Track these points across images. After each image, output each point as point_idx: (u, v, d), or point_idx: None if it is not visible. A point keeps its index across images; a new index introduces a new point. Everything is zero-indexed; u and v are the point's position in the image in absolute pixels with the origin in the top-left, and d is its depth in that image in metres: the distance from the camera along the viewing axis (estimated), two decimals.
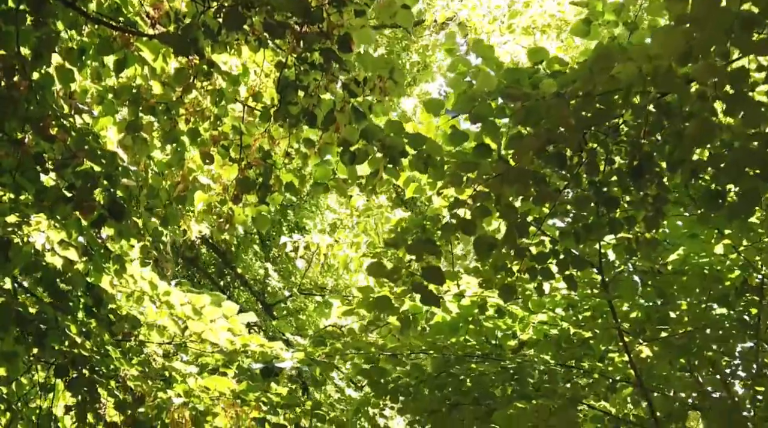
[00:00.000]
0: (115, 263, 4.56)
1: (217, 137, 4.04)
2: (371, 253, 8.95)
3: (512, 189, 4.05)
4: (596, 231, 4.33)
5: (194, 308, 4.86)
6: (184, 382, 4.79)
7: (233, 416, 4.87)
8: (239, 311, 5.13)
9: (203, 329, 4.95)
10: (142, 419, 4.65)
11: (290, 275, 19.08)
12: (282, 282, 19.00)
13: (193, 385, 4.77)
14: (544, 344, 5.45)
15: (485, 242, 3.99)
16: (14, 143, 3.60)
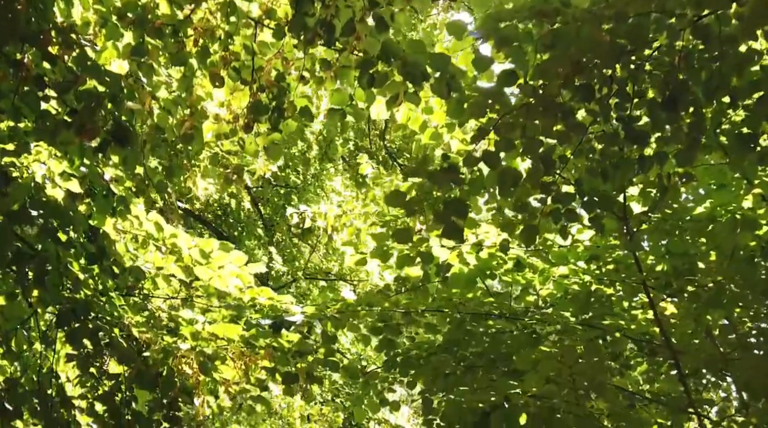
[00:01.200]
0: (119, 204, 4.39)
1: (228, 57, 3.85)
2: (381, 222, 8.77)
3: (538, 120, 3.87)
4: (624, 169, 4.15)
5: (202, 252, 4.67)
6: (192, 325, 4.61)
7: (242, 367, 4.69)
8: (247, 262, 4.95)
9: (211, 276, 4.77)
10: (144, 368, 4.48)
11: (294, 260, 18.95)
12: (286, 266, 18.87)
13: (201, 331, 4.59)
14: (564, 301, 5.27)
15: (509, 176, 3.81)
16: (13, 65, 3.43)
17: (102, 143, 3.65)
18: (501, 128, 3.81)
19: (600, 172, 4.14)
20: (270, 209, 18.47)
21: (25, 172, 4.06)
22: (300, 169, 18.51)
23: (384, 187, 9.29)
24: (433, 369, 5.58)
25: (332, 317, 5.15)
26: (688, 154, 3.84)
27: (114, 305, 4.56)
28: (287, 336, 4.67)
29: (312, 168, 18.55)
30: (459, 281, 5.19)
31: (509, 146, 3.83)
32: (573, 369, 3.97)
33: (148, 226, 4.64)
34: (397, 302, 5.53)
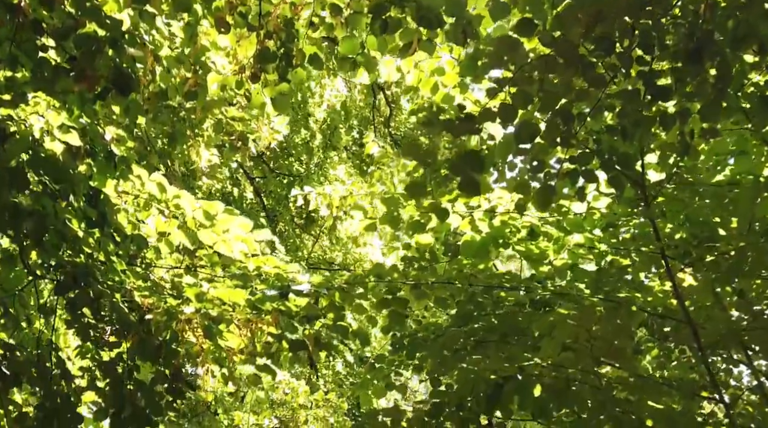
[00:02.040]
0: (120, 164, 4.26)
1: (234, 2, 3.71)
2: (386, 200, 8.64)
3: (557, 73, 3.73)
4: (646, 126, 4.01)
5: (206, 213, 4.54)
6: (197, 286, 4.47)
7: (247, 334, 4.56)
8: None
9: (215, 240, 4.64)
10: (146, 336, 4.35)
11: (297, 250, 18.84)
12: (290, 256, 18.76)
13: (206, 293, 4.46)
14: (579, 271, 5.13)
15: (527, 130, 3.67)
16: (9, 9, 3.29)
17: (102, 92, 3.51)
18: (518, 80, 3.67)
19: (620, 130, 4.01)
20: (272, 199, 18.36)
21: (23, 126, 3.92)
22: (303, 158, 18.39)
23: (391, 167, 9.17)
24: (443, 344, 5.44)
25: (340, 287, 5.02)
26: (714, 108, 3.69)
27: (115, 270, 4.43)
28: (295, 300, 4.53)
29: (315, 157, 18.42)
30: (471, 249, 5.05)
31: (526, 99, 3.69)
32: (592, 333, 3.82)
33: (151, 187, 4.51)
34: (406, 274, 5.40)
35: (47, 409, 4.56)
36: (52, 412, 4.54)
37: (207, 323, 4.45)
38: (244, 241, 4.69)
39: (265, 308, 4.54)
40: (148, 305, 4.48)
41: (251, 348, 4.64)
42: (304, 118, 17.79)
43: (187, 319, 4.43)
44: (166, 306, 4.44)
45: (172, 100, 4.29)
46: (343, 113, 18.44)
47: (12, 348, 4.30)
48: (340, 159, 18.39)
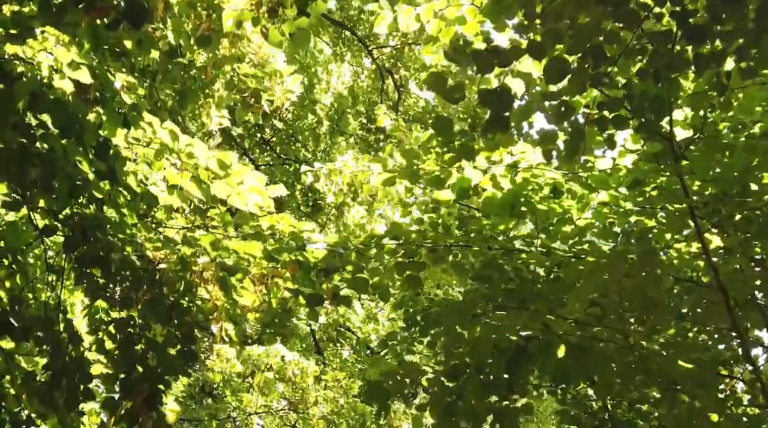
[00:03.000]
0: (131, 111, 4.12)
1: None
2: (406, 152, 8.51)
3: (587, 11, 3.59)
4: (679, 69, 3.86)
5: (221, 163, 4.39)
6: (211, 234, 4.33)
7: (263, 290, 4.42)
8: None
9: (229, 193, 4.49)
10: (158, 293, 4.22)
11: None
12: None
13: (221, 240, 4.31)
14: (603, 231, 4.99)
15: (556, 68, 3.53)
16: None
17: (113, 23, 3.38)
18: (548, 17, 3.52)
19: (652, 73, 3.86)
20: None
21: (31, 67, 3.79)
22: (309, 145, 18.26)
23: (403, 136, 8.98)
24: (460, 309, 5.29)
25: (356, 248, 4.88)
26: (754, 45, 3.54)
27: (126, 223, 4.30)
28: (312, 252, 4.40)
29: (322, 143, 18.29)
30: (492, 206, 4.90)
31: (556, 37, 3.55)
32: (623, 283, 3.67)
33: (162, 134, 4.37)
34: (424, 235, 5.26)
35: (55, 368, 4.45)
36: (60, 372, 4.42)
37: (222, 274, 4.31)
38: (259, 193, 4.54)
39: (282, 259, 4.40)
40: (160, 259, 4.35)
41: (266, 305, 4.51)
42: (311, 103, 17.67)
43: (201, 271, 4.29)
44: (180, 255, 4.30)
45: (186, 50, 4.15)
46: (351, 97, 18.31)
47: (20, 300, 4.18)
48: (347, 144, 18.25)
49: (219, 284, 4.34)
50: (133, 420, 4.32)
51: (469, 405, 4.89)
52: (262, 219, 4.72)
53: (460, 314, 5.25)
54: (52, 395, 4.65)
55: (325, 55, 17.79)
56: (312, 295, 4.45)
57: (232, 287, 4.39)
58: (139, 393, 4.32)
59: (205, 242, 4.37)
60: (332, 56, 17.45)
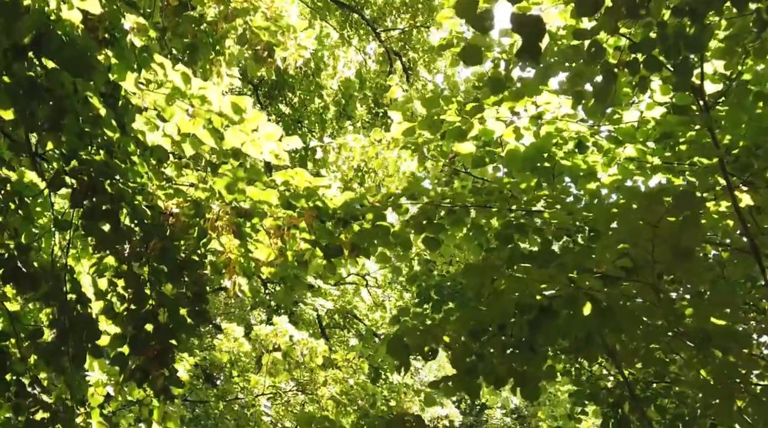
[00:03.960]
0: (141, 53, 3.99)
1: None
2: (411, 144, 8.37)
3: None
4: (716, 4, 3.71)
5: (235, 106, 4.24)
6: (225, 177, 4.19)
7: (278, 243, 4.28)
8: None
9: (244, 140, 4.35)
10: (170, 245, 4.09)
11: None
12: None
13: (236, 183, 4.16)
14: (627, 190, 4.84)
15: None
16: None
17: None
18: None
19: (687, 9, 3.71)
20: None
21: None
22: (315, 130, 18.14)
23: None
24: (480, 270, 5.13)
25: (373, 205, 4.73)
26: None
27: (137, 171, 4.17)
28: (331, 198, 4.26)
29: (329, 128, 18.18)
30: (515, 160, 4.76)
31: None
32: (658, 230, 3.52)
33: (174, 77, 4.23)
34: (443, 194, 5.11)
35: (62, 325, 4.32)
36: (68, 329, 4.30)
37: (237, 220, 4.16)
38: (274, 140, 4.39)
39: (299, 206, 4.26)
40: (172, 208, 4.21)
41: (281, 259, 4.37)
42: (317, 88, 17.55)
43: (215, 218, 4.15)
44: (194, 197, 4.15)
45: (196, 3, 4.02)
46: (358, 81, 18.17)
47: (26, 249, 4.05)
48: (354, 128, 18.12)
49: (234, 232, 4.20)
50: (144, 377, 4.19)
51: (491, 366, 4.76)
52: (276, 174, 4.58)
53: (480, 274, 5.11)
54: (58, 354, 4.53)
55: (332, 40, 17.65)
56: (330, 246, 4.30)
57: (247, 236, 4.24)
58: (150, 349, 4.19)
59: (220, 186, 4.23)
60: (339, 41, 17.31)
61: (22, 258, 3.97)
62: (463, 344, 4.54)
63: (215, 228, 4.17)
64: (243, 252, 4.36)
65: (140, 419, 6.33)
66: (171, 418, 6.24)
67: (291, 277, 4.46)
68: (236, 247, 4.34)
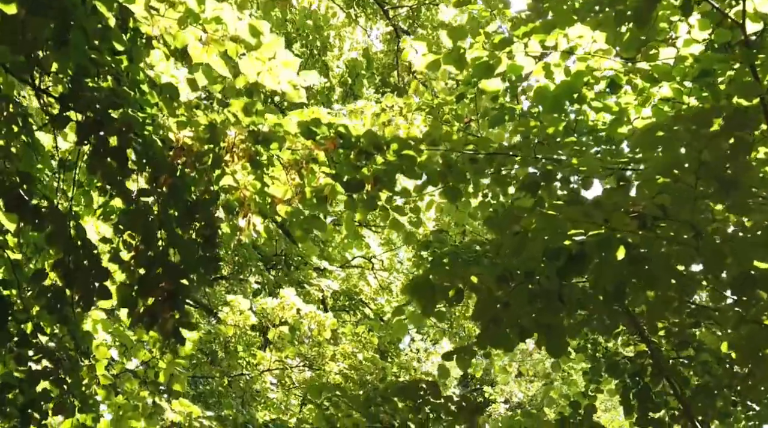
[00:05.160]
0: None
1: None
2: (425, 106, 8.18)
3: None
4: None
5: (252, 29, 4.02)
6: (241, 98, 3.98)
7: (295, 179, 4.08)
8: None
9: (260, 69, 4.13)
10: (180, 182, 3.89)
11: None
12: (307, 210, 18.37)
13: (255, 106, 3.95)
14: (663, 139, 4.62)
15: None
16: None
17: None
18: None
19: None
20: None
21: None
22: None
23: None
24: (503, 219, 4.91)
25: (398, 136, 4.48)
26: None
27: (147, 100, 3.96)
28: (354, 126, 4.04)
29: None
30: (544, 99, 4.55)
31: None
32: (704, 154, 3.31)
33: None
34: (464, 140, 4.90)
35: (66, 267, 4.13)
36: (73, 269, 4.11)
37: (255, 148, 3.94)
38: (292, 68, 4.17)
39: (320, 133, 4.05)
40: (184, 141, 4.01)
41: (299, 196, 4.17)
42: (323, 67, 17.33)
43: (231, 146, 3.94)
44: (210, 119, 3.94)
45: None
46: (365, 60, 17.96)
47: (29, 178, 3.85)
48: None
49: (250, 160, 3.99)
50: (153, 319, 4.00)
51: (516, 315, 4.57)
52: (292, 113, 4.37)
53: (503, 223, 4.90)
54: (62, 298, 4.35)
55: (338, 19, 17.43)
56: (351, 180, 4.09)
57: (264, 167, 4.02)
58: (159, 290, 4.00)
59: (237, 107, 4.01)
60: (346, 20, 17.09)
61: (25, 188, 3.77)
62: (488, 290, 4.35)
63: (231, 156, 3.96)
64: (258, 189, 4.16)
65: (145, 381, 6.16)
66: (178, 380, 6.07)
67: (308, 217, 4.24)
68: (251, 183, 4.14)
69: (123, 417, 6.15)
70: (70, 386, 4.51)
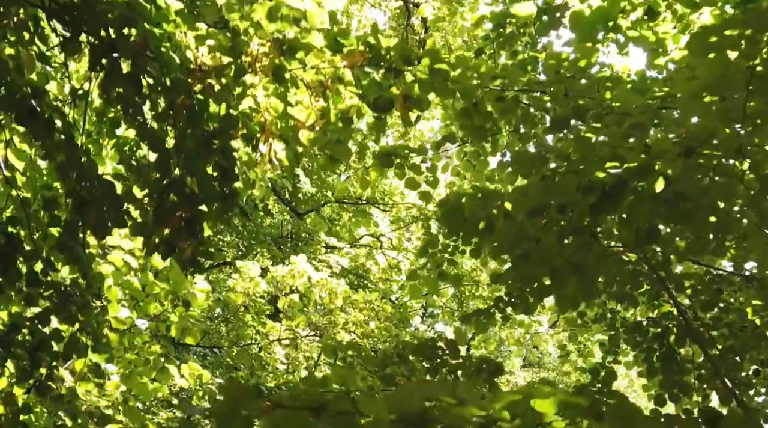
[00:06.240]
0: None
1: None
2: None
3: None
4: None
5: None
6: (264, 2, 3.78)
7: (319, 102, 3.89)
8: None
9: None
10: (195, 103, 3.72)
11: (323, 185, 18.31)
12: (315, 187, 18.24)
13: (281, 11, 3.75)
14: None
15: None
16: None
17: None
18: None
19: None
20: None
21: None
22: None
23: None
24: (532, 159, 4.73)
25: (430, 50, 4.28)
26: None
27: (164, 16, 3.79)
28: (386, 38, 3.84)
29: None
30: (579, 24, 4.37)
31: None
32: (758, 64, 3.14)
33: None
34: (490, 71, 4.72)
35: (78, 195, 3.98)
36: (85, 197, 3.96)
37: (279, 60, 3.75)
38: None
39: (348, 44, 3.86)
40: (203, 62, 3.84)
41: (323, 121, 3.99)
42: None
43: (254, 58, 3.75)
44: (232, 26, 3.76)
45: None
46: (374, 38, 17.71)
47: (40, 92, 3.69)
48: None
49: (274, 74, 3.80)
50: (170, 249, 3.85)
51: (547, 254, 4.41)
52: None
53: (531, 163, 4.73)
54: (74, 231, 4.20)
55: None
56: (379, 99, 3.91)
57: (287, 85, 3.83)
58: (176, 219, 3.84)
59: (261, 12, 3.81)
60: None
61: (37, 101, 3.61)
62: (519, 226, 4.18)
63: (253, 71, 3.78)
64: (281, 112, 3.98)
65: (156, 334, 6.01)
66: (191, 332, 5.93)
67: (333, 143, 4.07)
68: (273, 106, 3.96)
69: (133, 373, 6.02)
70: (83, 324, 4.36)
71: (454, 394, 1.98)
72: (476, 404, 1.89)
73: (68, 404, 4.59)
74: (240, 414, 2.02)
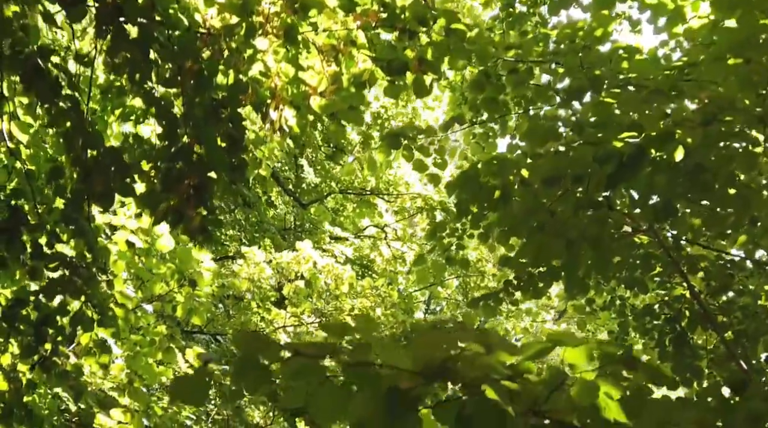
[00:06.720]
0: None
1: None
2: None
3: None
4: None
5: None
6: None
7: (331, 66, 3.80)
8: None
9: None
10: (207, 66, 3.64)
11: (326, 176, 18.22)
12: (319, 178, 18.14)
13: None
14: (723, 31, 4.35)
15: None
16: None
17: None
18: None
19: None
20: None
21: None
22: None
23: None
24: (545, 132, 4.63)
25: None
26: None
27: None
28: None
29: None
30: None
31: None
32: None
33: None
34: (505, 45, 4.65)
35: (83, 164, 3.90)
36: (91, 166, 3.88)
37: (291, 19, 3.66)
38: None
39: (362, 3, 3.78)
40: (212, 25, 3.76)
41: (335, 86, 3.91)
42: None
43: (265, 18, 3.67)
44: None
45: None
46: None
47: (47, 52, 3.61)
48: None
49: (285, 34, 3.72)
50: (178, 217, 3.77)
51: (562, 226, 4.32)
52: None
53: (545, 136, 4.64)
54: (80, 200, 4.12)
55: None
56: (393, 62, 3.83)
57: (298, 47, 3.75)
58: (184, 187, 3.77)
59: None
60: None
61: (43, 60, 3.54)
62: (534, 193, 4.10)
63: (264, 32, 3.70)
64: (292, 77, 3.90)
65: (162, 315, 5.94)
66: (197, 312, 5.86)
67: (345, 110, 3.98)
68: (284, 71, 3.88)
69: (138, 354, 5.95)
70: (89, 297, 4.29)
71: (482, 341, 1.90)
72: (507, 349, 1.81)
73: (74, 380, 4.53)
74: (258, 362, 1.94)
